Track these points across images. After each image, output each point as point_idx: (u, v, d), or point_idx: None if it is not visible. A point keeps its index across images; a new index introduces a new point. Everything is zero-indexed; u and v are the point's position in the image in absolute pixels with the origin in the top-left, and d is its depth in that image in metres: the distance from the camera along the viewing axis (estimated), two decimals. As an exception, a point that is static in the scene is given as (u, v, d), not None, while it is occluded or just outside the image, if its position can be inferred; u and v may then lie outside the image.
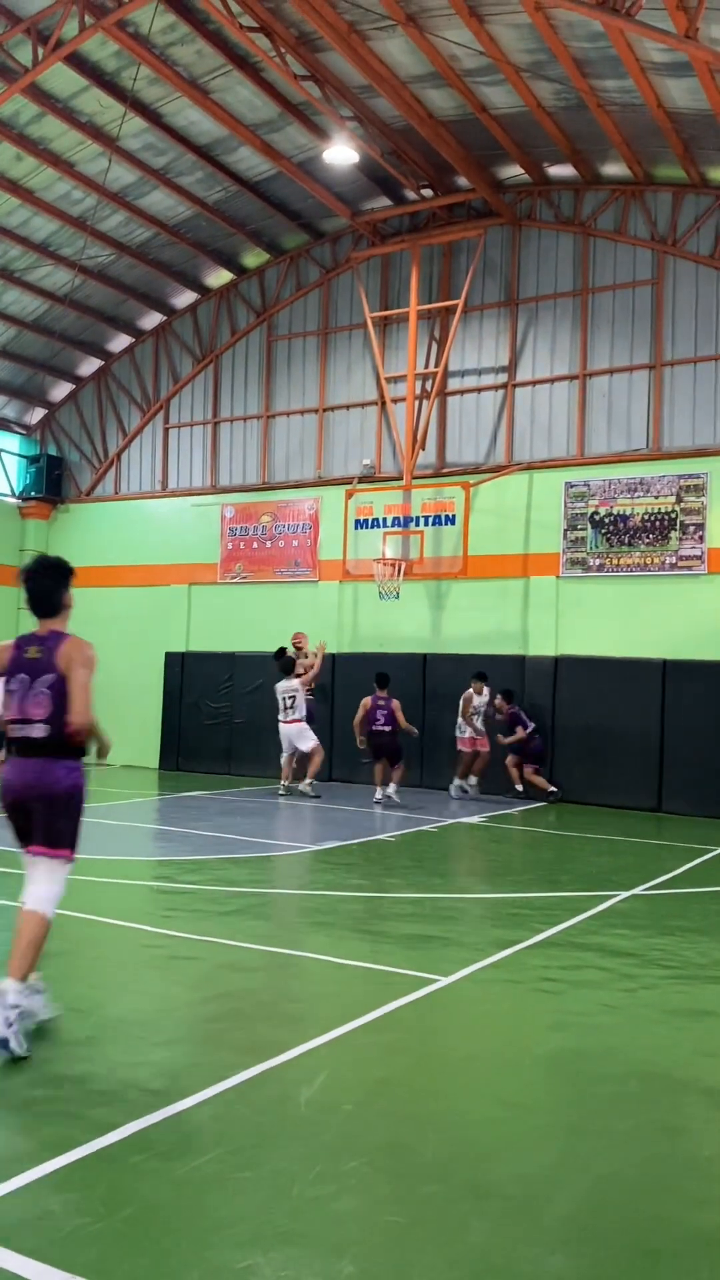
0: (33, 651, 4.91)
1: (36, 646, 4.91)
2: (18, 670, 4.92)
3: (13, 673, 4.93)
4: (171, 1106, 4.09)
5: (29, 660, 4.90)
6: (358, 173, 16.22)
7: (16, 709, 4.88)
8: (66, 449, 21.22)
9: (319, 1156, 3.74)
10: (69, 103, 14.49)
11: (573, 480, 16.00)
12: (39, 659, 4.88)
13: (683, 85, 12.63)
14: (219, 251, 18.57)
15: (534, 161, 15.74)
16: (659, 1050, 5.08)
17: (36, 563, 5.11)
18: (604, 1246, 3.23)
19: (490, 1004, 5.77)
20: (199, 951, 6.60)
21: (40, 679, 4.85)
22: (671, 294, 15.51)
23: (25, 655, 4.92)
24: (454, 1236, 3.25)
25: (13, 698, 4.88)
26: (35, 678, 4.86)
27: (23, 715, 4.86)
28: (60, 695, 4.82)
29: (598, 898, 8.51)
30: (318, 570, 18.15)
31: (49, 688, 4.83)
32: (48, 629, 5.00)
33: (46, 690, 4.83)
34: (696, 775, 14.44)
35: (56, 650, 4.88)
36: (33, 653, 4.91)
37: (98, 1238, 3.15)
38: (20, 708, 4.86)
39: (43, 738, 4.84)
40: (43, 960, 6.09)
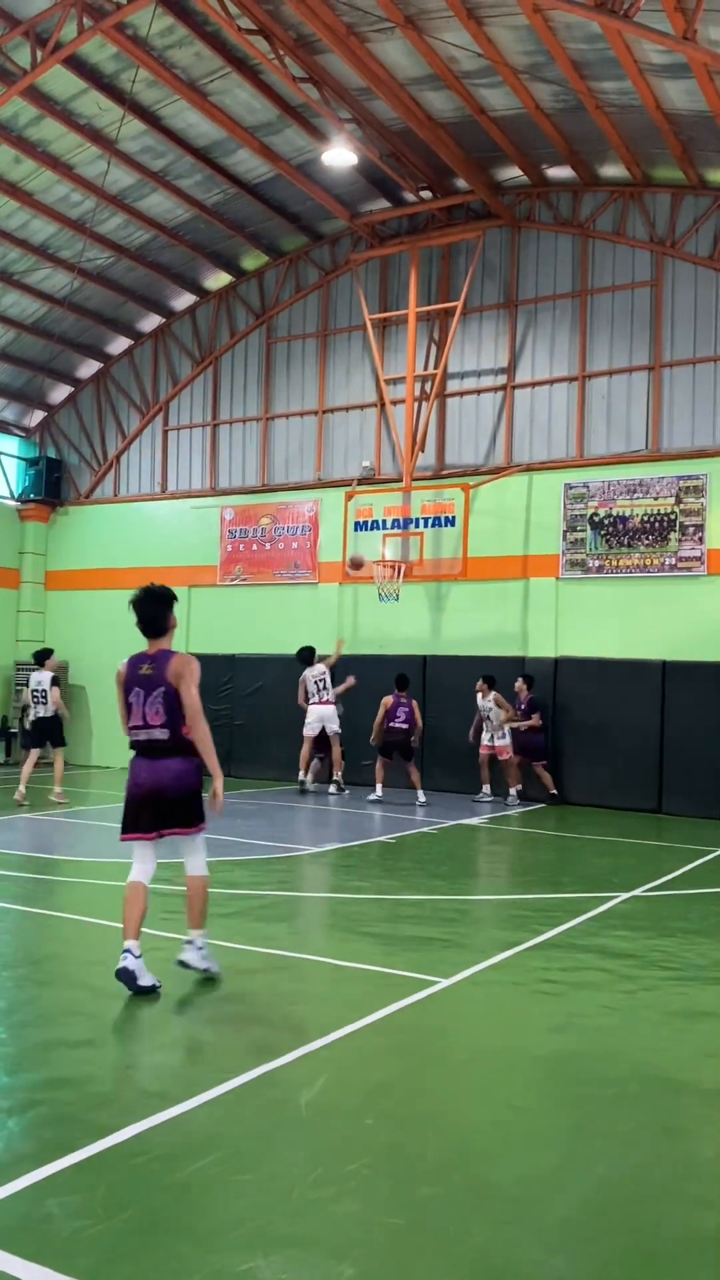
0: (145, 669, 5.78)
1: (148, 664, 5.78)
2: (134, 685, 5.82)
3: (130, 688, 5.84)
4: (171, 1109, 4.08)
5: (143, 676, 5.79)
6: (356, 175, 16.23)
7: (138, 717, 5.79)
8: (66, 451, 21.23)
9: (319, 1159, 3.73)
10: (68, 105, 14.51)
11: (572, 482, 16.00)
12: (151, 675, 5.75)
13: (681, 86, 12.64)
14: (218, 254, 18.58)
15: (532, 163, 15.75)
16: (659, 1052, 5.07)
17: (145, 591, 5.93)
18: (605, 1248, 3.23)
19: (491, 1006, 5.77)
20: (199, 954, 6.58)
21: (154, 692, 5.72)
22: (670, 295, 15.51)
23: (139, 672, 5.81)
24: (455, 1238, 3.25)
25: (133, 708, 5.81)
26: (149, 691, 5.74)
27: (144, 722, 5.77)
28: (172, 703, 5.70)
29: (598, 899, 8.50)
30: (317, 572, 18.15)
31: (162, 698, 5.70)
32: (156, 648, 5.85)
33: (161, 701, 5.71)
34: (697, 776, 14.43)
35: (166, 666, 5.72)
36: (145, 670, 5.78)
37: (97, 1241, 3.15)
38: (141, 715, 5.78)
39: (164, 740, 5.74)
40: (42, 963, 6.09)
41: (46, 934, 7.12)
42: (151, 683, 5.73)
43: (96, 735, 19.96)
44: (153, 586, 5.99)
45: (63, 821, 12.72)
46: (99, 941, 6.90)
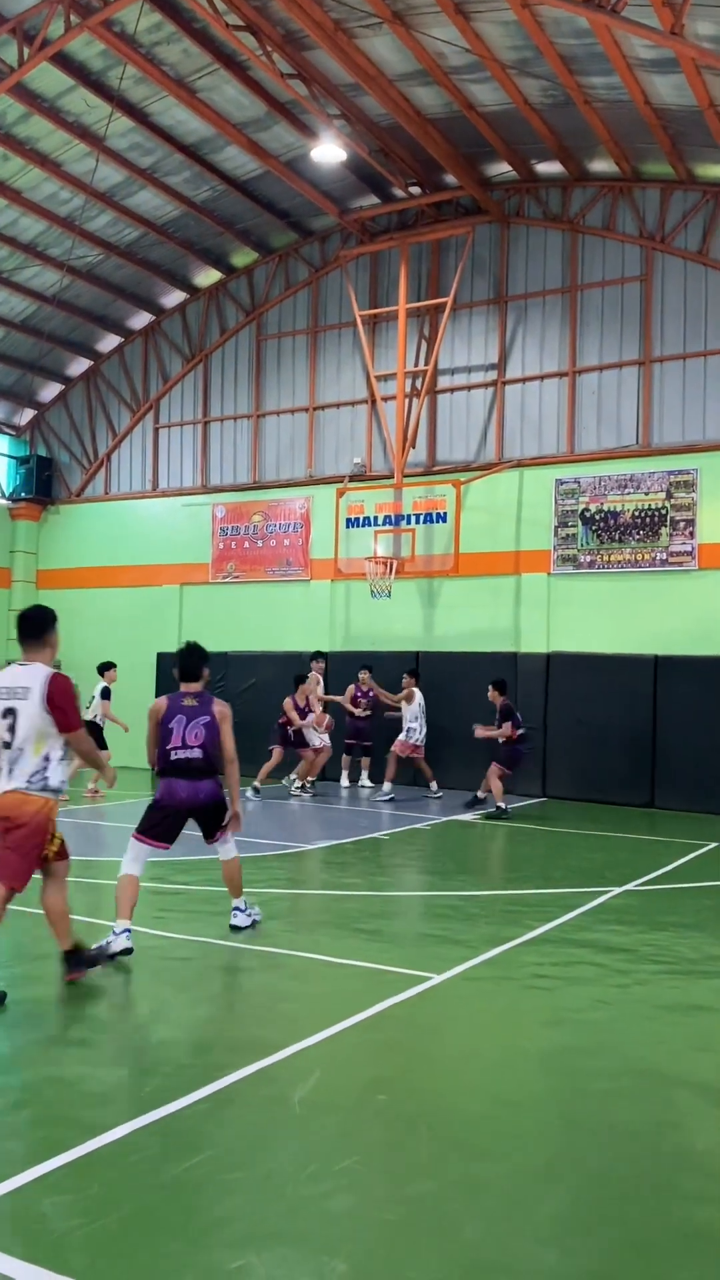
0: (189, 701, 6.74)
1: (191, 698, 6.76)
2: (177, 714, 6.68)
3: (172, 716, 6.68)
4: (164, 1107, 4.08)
5: (186, 706, 6.72)
6: (345, 171, 16.21)
7: (177, 739, 6.62)
8: (56, 450, 21.18)
9: (312, 1156, 3.74)
10: (55, 102, 14.46)
11: (563, 477, 16.02)
12: (195, 706, 6.72)
13: (669, 81, 12.64)
14: (207, 251, 18.54)
15: (522, 158, 15.74)
16: (652, 1046, 5.08)
17: (187, 645, 7.03)
18: (598, 1242, 3.24)
19: (484, 1001, 5.78)
20: (192, 952, 6.59)
21: (196, 719, 6.65)
22: (660, 290, 15.52)
23: (183, 704, 6.74)
24: (448, 1233, 3.25)
25: (174, 732, 6.62)
26: (191, 719, 6.65)
27: (183, 743, 6.61)
28: (212, 732, 6.66)
29: (591, 894, 8.52)
30: (309, 569, 18.14)
31: (205, 726, 6.64)
32: (193, 690, 6.83)
33: (203, 728, 6.64)
34: (689, 770, 14.46)
35: (211, 705, 6.75)
36: (189, 701, 6.74)
37: (91, 1240, 3.15)
38: (180, 738, 6.61)
39: (199, 760, 6.64)
40: (34, 962, 6.09)
41: (38, 933, 7.10)
42: (195, 713, 6.67)
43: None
44: (194, 643, 7.06)
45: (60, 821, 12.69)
46: (93, 940, 6.89)
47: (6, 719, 5.45)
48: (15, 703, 5.45)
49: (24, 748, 5.45)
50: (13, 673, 5.59)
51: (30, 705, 5.43)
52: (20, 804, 5.43)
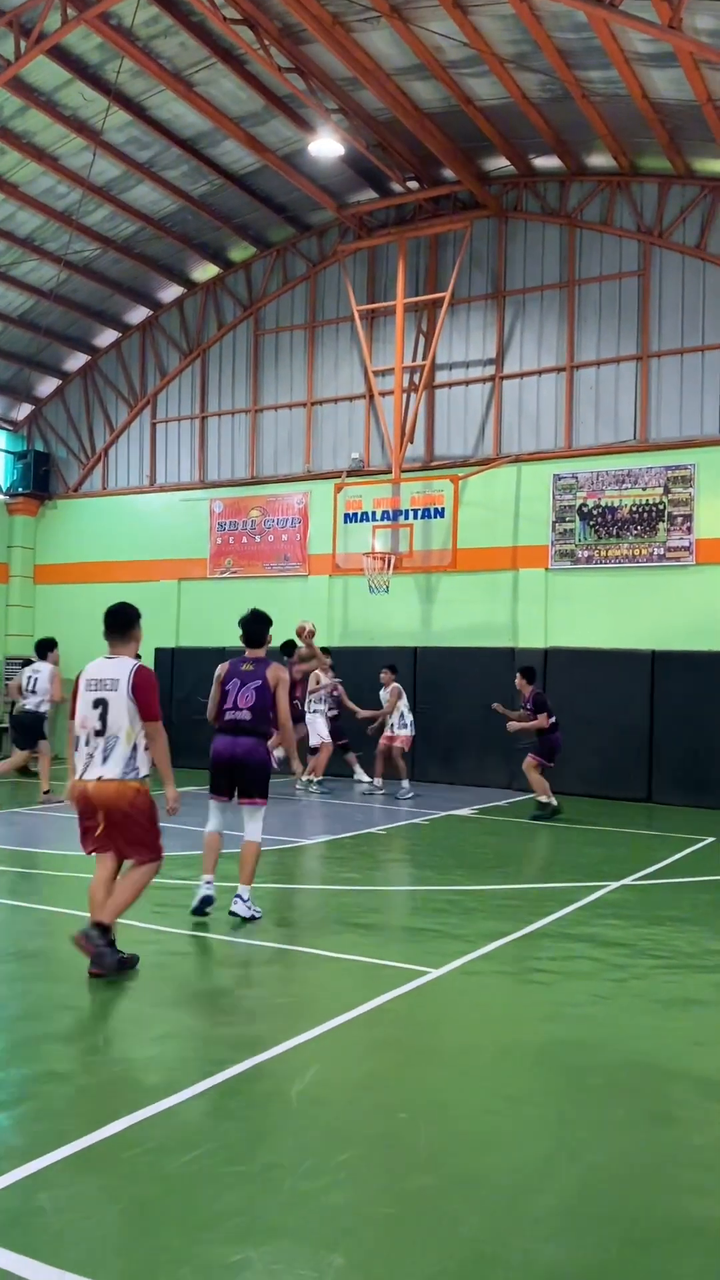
0: (247, 666, 7.26)
1: (250, 664, 7.28)
2: (234, 676, 7.26)
3: (230, 679, 7.27)
4: (162, 1102, 4.08)
5: (244, 670, 7.25)
6: (343, 165, 16.17)
7: (231, 701, 7.18)
8: (54, 445, 21.14)
9: (310, 1150, 3.74)
10: (52, 96, 14.42)
11: (561, 472, 16.01)
12: (251, 670, 7.23)
13: (667, 75, 12.62)
14: (205, 245, 18.51)
15: (519, 153, 15.71)
16: (650, 1040, 5.09)
17: (251, 613, 7.49)
18: (595, 1236, 3.24)
19: (481, 996, 5.78)
20: (190, 947, 6.60)
21: (249, 683, 7.16)
22: (658, 285, 15.51)
23: (241, 668, 7.28)
24: (446, 1227, 3.26)
25: (229, 694, 7.20)
26: (245, 682, 7.17)
27: (234, 705, 7.16)
28: (263, 695, 7.12)
29: (588, 888, 8.53)
30: (307, 564, 18.13)
31: (256, 690, 7.14)
32: (255, 655, 7.37)
33: (254, 691, 7.13)
34: (686, 765, 14.48)
35: (266, 669, 7.23)
36: (247, 666, 7.26)
37: (88, 1234, 3.15)
38: (233, 700, 7.16)
39: (246, 721, 7.12)
40: (32, 956, 6.09)
41: (35, 928, 7.11)
42: (250, 676, 7.20)
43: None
44: (257, 610, 7.53)
45: (55, 816, 12.71)
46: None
47: (97, 709, 5.86)
48: (106, 694, 5.86)
49: (118, 735, 5.83)
50: (101, 665, 5.99)
51: (120, 696, 5.83)
52: (118, 794, 5.85)
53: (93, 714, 5.84)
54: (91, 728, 5.85)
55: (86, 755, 5.86)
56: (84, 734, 5.88)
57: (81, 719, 5.90)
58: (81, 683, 5.98)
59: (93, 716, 5.84)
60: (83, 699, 5.93)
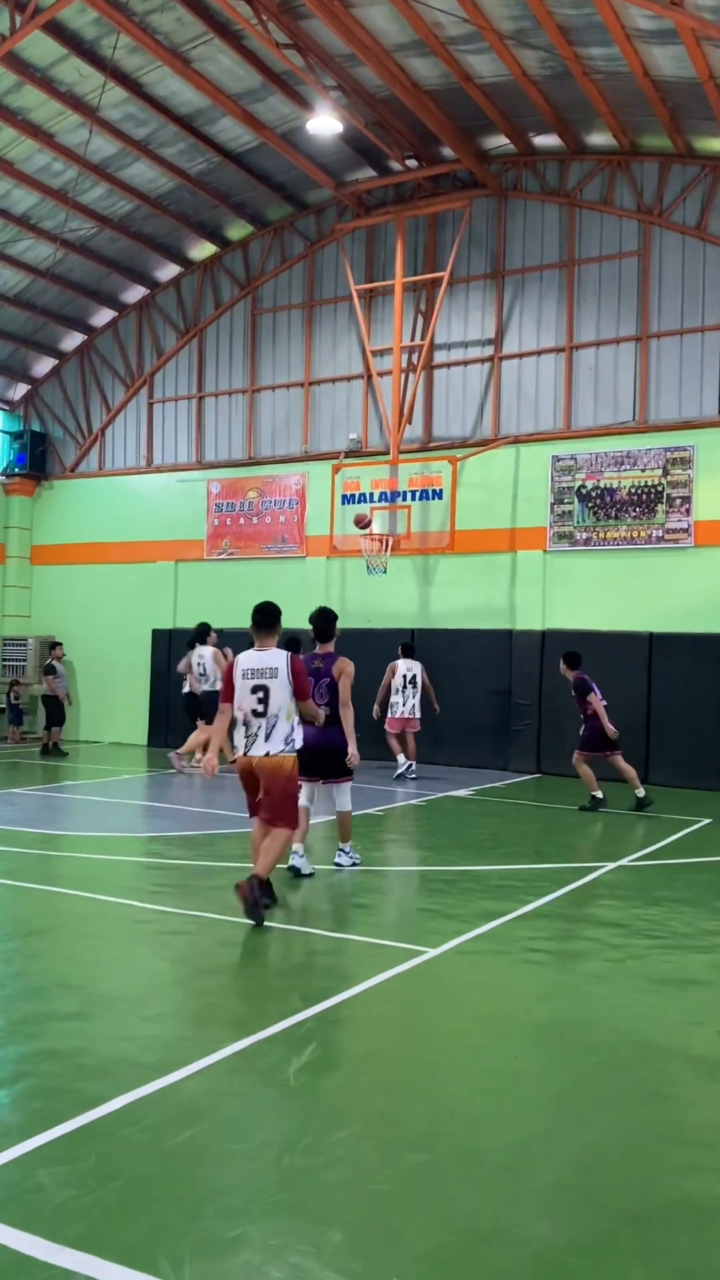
0: (316, 664, 8.14)
1: (319, 660, 8.21)
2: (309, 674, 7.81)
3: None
4: (161, 1080, 4.11)
5: (314, 669, 8.04)
6: (341, 143, 16.06)
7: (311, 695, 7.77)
8: (50, 425, 21.06)
9: (308, 1128, 3.76)
10: (48, 72, 14.29)
11: (560, 454, 15.97)
12: (320, 669, 8.12)
13: (669, 53, 12.52)
14: (202, 224, 18.39)
15: (519, 131, 15.60)
16: (646, 1019, 5.12)
17: (321, 610, 8.46)
18: (591, 1212, 3.27)
19: (478, 975, 5.81)
20: (188, 926, 6.62)
21: (321, 681, 8.05)
22: (658, 265, 15.43)
23: (313, 665, 8.09)
24: (442, 1204, 3.28)
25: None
26: (318, 680, 8.00)
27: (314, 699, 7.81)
28: (333, 690, 8.08)
29: (585, 869, 8.56)
30: (305, 546, 18.10)
31: (327, 687, 8.07)
32: (324, 650, 8.31)
33: (326, 688, 8.06)
34: (683, 747, 14.51)
35: (332, 665, 8.17)
36: (316, 665, 8.13)
37: (88, 1210, 3.17)
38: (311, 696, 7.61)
39: (327, 714, 7.88)
40: (32, 937, 6.12)
41: (37, 908, 7.13)
42: (320, 674, 8.04)
43: (85, 711, 19.92)
44: (326, 609, 8.46)
45: (54, 796, 12.73)
46: (89, 915, 6.92)
47: (256, 694, 6.78)
48: (266, 681, 6.80)
49: (279, 715, 6.80)
50: (257, 656, 6.90)
51: (280, 682, 6.80)
52: (277, 766, 6.80)
53: (251, 698, 6.76)
54: (249, 709, 6.77)
55: (248, 735, 6.80)
56: (241, 715, 6.79)
57: (239, 703, 6.80)
58: (238, 672, 6.85)
59: (251, 700, 6.76)
60: (241, 686, 6.81)
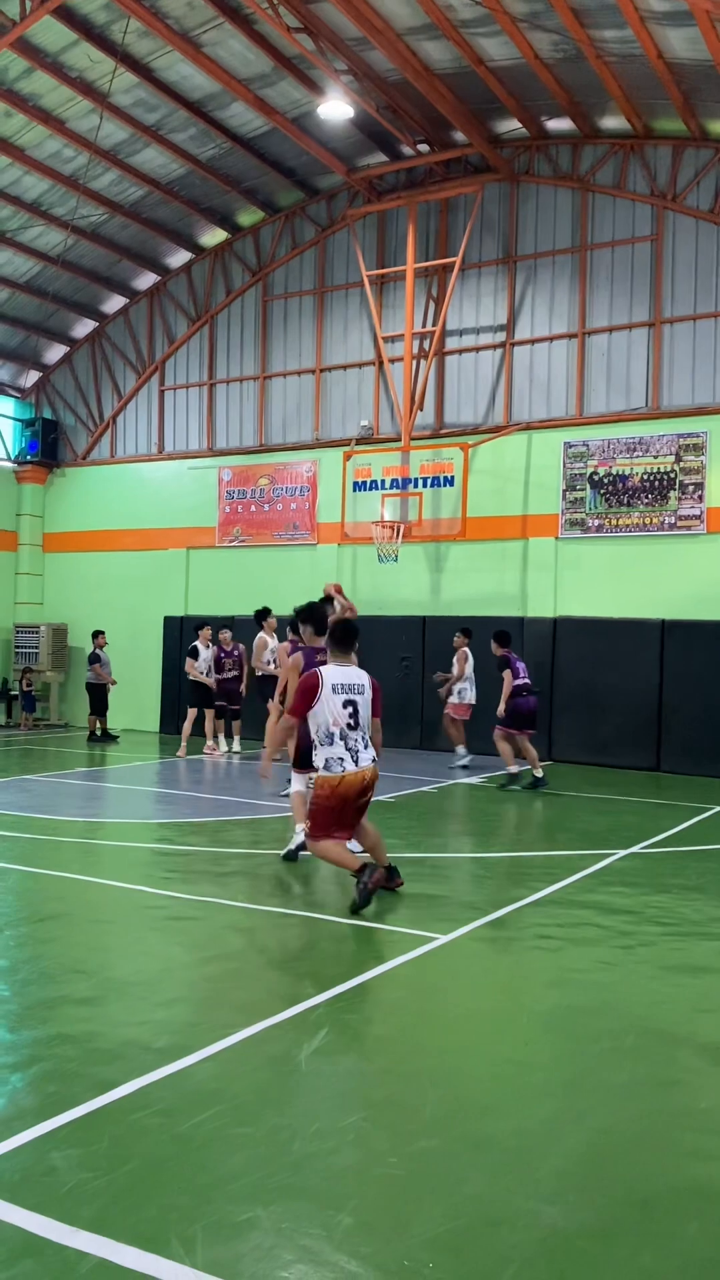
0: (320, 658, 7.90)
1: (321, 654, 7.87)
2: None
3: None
4: (173, 1064, 4.13)
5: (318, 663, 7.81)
6: (353, 128, 15.98)
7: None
8: (62, 412, 21.08)
9: (319, 1112, 3.78)
10: (58, 57, 14.25)
11: (572, 440, 15.91)
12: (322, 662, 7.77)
13: (683, 35, 12.41)
14: (213, 210, 18.34)
15: (531, 115, 15.49)
16: (656, 1006, 5.13)
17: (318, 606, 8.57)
18: (600, 1197, 3.28)
19: (488, 961, 5.82)
20: (199, 912, 6.65)
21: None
22: (671, 250, 15.33)
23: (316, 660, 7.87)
24: (452, 1189, 3.30)
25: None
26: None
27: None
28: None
29: (596, 856, 8.56)
30: (316, 533, 18.09)
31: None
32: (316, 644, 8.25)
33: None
34: (695, 735, 14.49)
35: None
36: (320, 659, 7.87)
37: (100, 1193, 3.20)
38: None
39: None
40: (44, 921, 6.15)
41: (49, 893, 7.17)
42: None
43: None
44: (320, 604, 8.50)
45: (66, 783, 12.79)
46: (101, 901, 6.96)
47: (347, 709, 6.86)
48: (355, 696, 6.92)
49: (367, 729, 6.95)
50: (345, 672, 7.01)
51: (366, 699, 6.96)
52: (375, 774, 6.96)
53: (343, 713, 6.83)
54: (345, 724, 6.83)
55: (349, 749, 6.82)
56: (337, 730, 6.82)
57: (335, 718, 6.83)
58: (328, 687, 6.87)
59: (344, 714, 6.83)
60: (333, 700, 6.85)
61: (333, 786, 6.78)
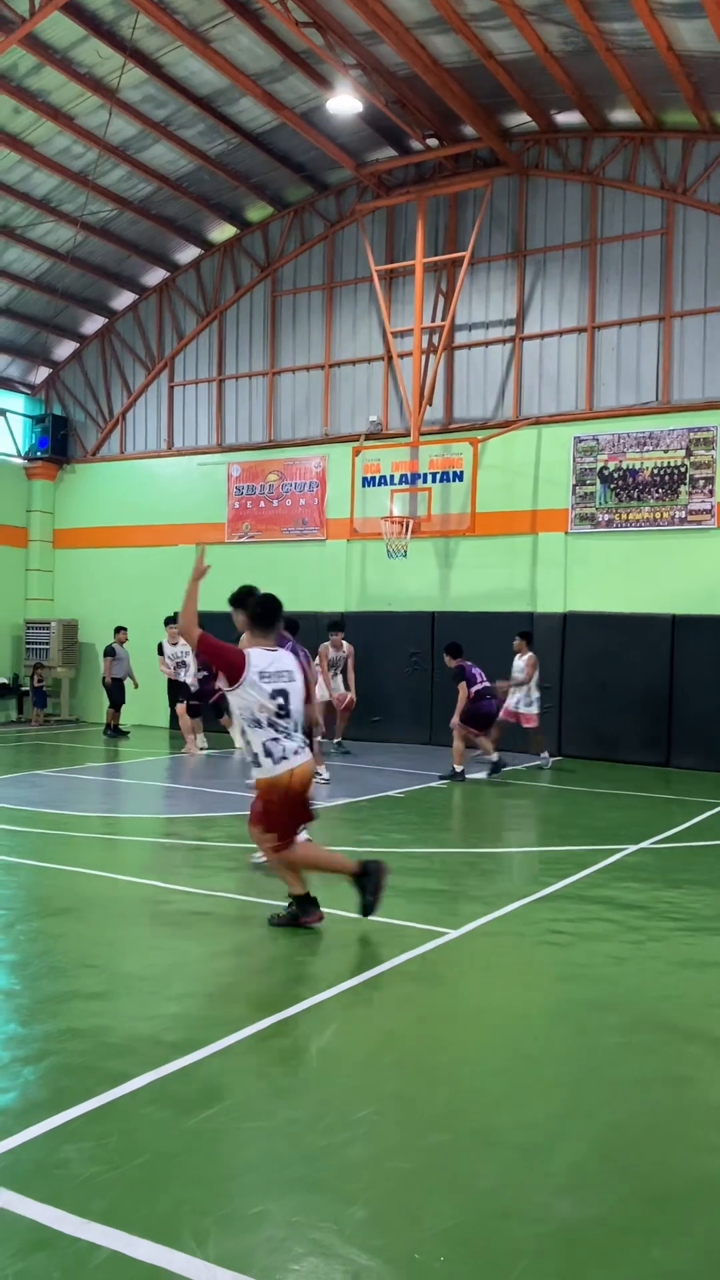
0: None
1: None
2: None
3: None
4: (184, 1059, 4.15)
5: None
6: (361, 123, 15.94)
7: None
8: (71, 408, 21.11)
9: (329, 1106, 3.79)
10: (67, 54, 14.25)
11: (581, 435, 15.87)
12: None
13: (693, 26, 12.34)
14: (222, 205, 18.33)
15: (541, 109, 15.44)
16: (666, 1001, 5.12)
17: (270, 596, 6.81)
18: (610, 1192, 3.28)
19: (498, 956, 5.82)
20: (210, 907, 6.67)
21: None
22: (681, 244, 15.26)
23: None
24: (463, 1183, 3.31)
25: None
26: None
27: None
28: None
29: (606, 851, 8.55)
30: (325, 529, 18.08)
31: None
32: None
33: None
34: (705, 730, 14.45)
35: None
36: None
37: (112, 1185, 3.22)
38: None
39: None
40: (55, 916, 6.16)
41: (60, 888, 7.19)
42: None
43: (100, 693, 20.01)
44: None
45: (75, 778, 12.82)
46: (111, 896, 6.98)
47: (276, 699, 5.98)
48: (285, 685, 6.04)
49: (299, 721, 6.10)
50: (271, 658, 6.08)
51: (297, 687, 6.11)
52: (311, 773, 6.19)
53: (271, 704, 5.97)
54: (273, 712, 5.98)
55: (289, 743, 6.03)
56: (264, 716, 5.97)
57: (261, 705, 5.96)
58: (253, 673, 5.96)
59: (272, 705, 5.97)
60: (259, 689, 5.96)
61: (282, 789, 6.03)
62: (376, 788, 12.10)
